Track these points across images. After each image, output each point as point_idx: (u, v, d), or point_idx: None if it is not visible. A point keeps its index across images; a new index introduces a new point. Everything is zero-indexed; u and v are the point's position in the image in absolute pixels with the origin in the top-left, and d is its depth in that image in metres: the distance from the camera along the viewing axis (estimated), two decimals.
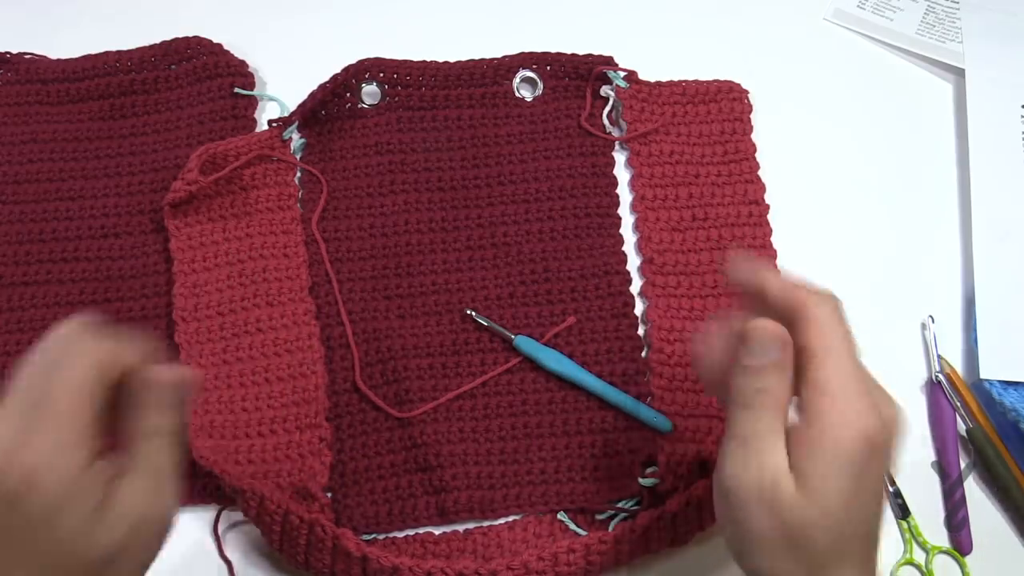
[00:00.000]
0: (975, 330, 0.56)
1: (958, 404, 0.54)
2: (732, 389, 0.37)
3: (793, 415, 0.37)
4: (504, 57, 0.61)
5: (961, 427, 0.54)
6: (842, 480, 0.35)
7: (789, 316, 0.37)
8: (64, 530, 0.36)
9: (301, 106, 0.58)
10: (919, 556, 0.51)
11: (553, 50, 0.61)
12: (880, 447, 0.36)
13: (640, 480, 0.51)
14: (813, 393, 0.36)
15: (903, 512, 0.51)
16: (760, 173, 0.59)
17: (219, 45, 0.61)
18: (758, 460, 0.36)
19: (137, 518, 0.37)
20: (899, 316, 0.57)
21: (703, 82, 0.61)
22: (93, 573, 0.36)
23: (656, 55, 0.62)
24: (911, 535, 0.51)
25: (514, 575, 0.46)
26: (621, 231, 0.58)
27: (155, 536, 0.38)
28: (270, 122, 0.59)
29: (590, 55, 0.61)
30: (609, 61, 0.61)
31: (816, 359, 0.36)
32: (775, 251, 0.57)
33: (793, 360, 0.37)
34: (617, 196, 0.59)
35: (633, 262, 0.57)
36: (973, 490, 0.53)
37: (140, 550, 0.37)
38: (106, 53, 0.61)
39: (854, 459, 0.35)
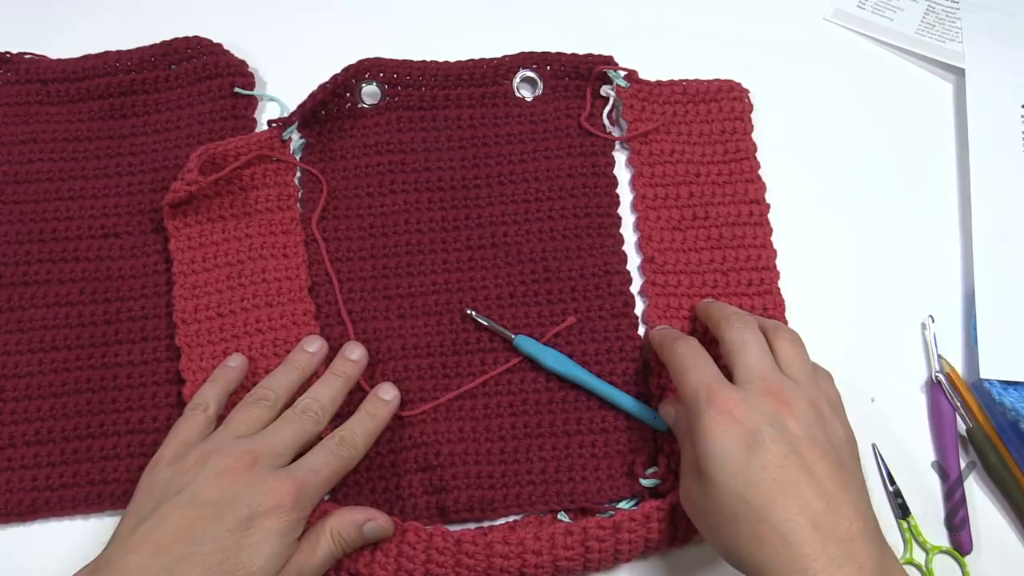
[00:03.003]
0: (975, 330, 0.56)
1: (958, 404, 0.54)
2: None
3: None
4: (504, 57, 0.61)
5: (961, 427, 0.54)
6: (723, 447, 0.42)
7: (717, 335, 0.49)
8: (266, 560, 0.41)
9: (301, 106, 0.58)
10: (919, 556, 0.51)
11: (553, 50, 0.61)
12: (779, 396, 0.43)
13: (640, 480, 0.51)
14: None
15: (903, 512, 0.52)
16: (760, 172, 0.59)
17: (219, 45, 0.61)
18: (684, 474, 0.46)
19: None
20: (899, 316, 0.57)
21: (703, 81, 0.61)
22: None
23: (656, 55, 0.62)
24: (911, 535, 0.51)
25: (510, 550, 0.47)
26: (621, 231, 0.58)
27: None
28: (270, 122, 0.59)
29: (590, 55, 0.61)
30: (609, 61, 0.60)
31: (725, 352, 0.47)
32: (775, 251, 0.57)
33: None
34: (617, 196, 0.59)
35: (633, 262, 0.57)
36: (973, 490, 0.53)
37: None
38: (106, 53, 0.61)
39: (724, 422, 0.42)
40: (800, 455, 0.41)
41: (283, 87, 0.62)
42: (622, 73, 0.60)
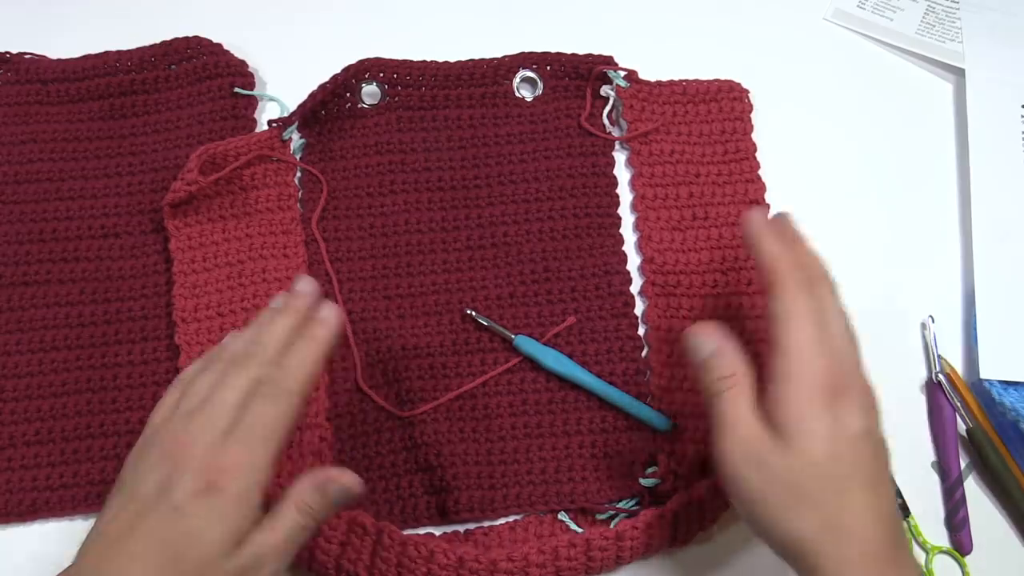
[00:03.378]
0: (975, 330, 0.56)
1: (958, 404, 0.54)
2: (700, 387, 0.44)
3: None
4: (504, 57, 0.61)
5: (961, 427, 0.54)
6: (814, 423, 0.39)
7: (766, 285, 0.43)
8: (211, 539, 0.38)
9: (301, 106, 0.58)
10: (919, 556, 0.51)
11: (553, 50, 0.61)
12: (844, 392, 0.40)
13: (640, 480, 0.51)
14: (775, 353, 0.41)
15: (903, 512, 0.52)
16: (760, 172, 0.59)
17: (219, 45, 0.61)
18: (736, 434, 0.41)
19: (251, 569, 0.39)
20: (899, 316, 0.57)
21: (703, 81, 0.61)
22: None
23: (656, 55, 0.61)
24: (911, 535, 0.51)
25: (514, 566, 0.46)
26: (621, 231, 0.58)
27: None
28: (270, 122, 0.59)
29: (590, 55, 0.61)
30: (609, 61, 0.60)
31: (778, 323, 0.42)
32: None
33: (763, 332, 0.43)
34: (617, 196, 0.59)
35: (633, 262, 0.57)
36: (973, 490, 0.53)
37: None
38: (106, 53, 0.61)
39: (816, 402, 0.40)
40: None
41: (283, 87, 0.62)
42: (622, 73, 0.60)
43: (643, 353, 0.55)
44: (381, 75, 0.60)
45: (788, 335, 0.41)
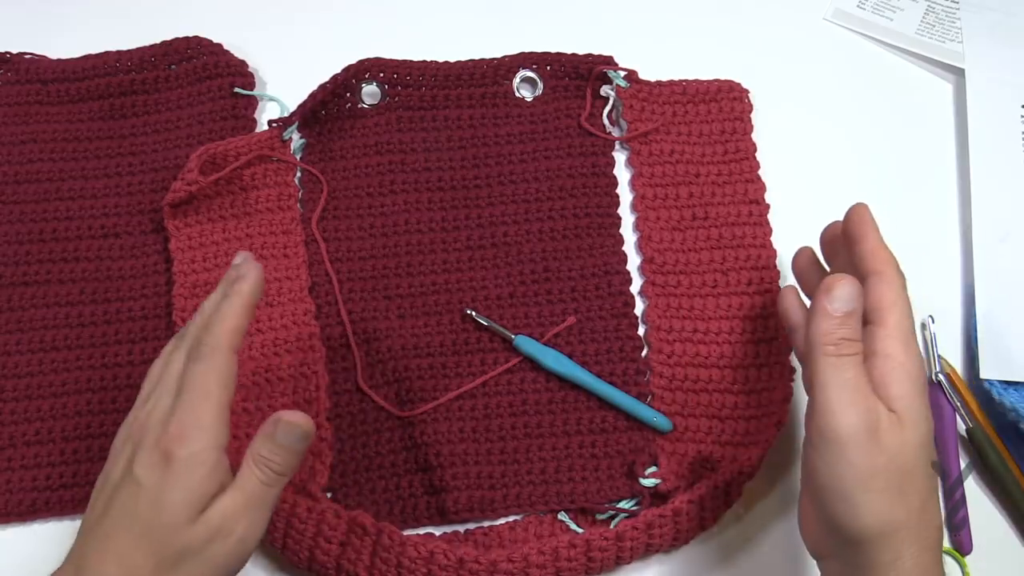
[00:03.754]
0: (975, 330, 0.56)
1: (958, 404, 0.54)
2: (814, 335, 0.42)
3: None
4: (504, 57, 0.61)
5: (961, 427, 0.54)
6: (922, 408, 0.40)
7: (869, 270, 0.44)
8: (172, 505, 0.38)
9: (301, 106, 0.58)
10: None
11: (553, 50, 0.61)
12: (925, 388, 0.41)
13: (640, 480, 0.51)
14: (886, 336, 0.42)
15: None
16: (760, 172, 0.59)
17: (219, 45, 0.61)
18: (862, 403, 0.40)
19: (220, 532, 0.39)
20: None
21: (703, 81, 0.61)
22: (166, 564, 0.38)
23: (656, 55, 0.62)
24: None
25: (514, 567, 0.46)
26: (621, 231, 0.58)
27: (230, 556, 0.39)
28: (270, 122, 0.59)
29: (590, 55, 0.61)
30: (609, 61, 0.60)
31: (885, 310, 0.42)
32: (775, 251, 0.57)
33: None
34: (617, 196, 0.59)
35: (633, 262, 0.57)
36: (973, 490, 0.53)
37: (211, 564, 0.39)
38: (106, 53, 0.61)
39: (920, 388, 0.41)
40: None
41: (283, 87, 0.62)
42: (622, 73, 0.60)
43: (643, 353, 0.55)
44: (381, 75, 0.60)
45: (899, 320, 0.42)
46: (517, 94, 0.61)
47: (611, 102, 0.60)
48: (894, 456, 0.39)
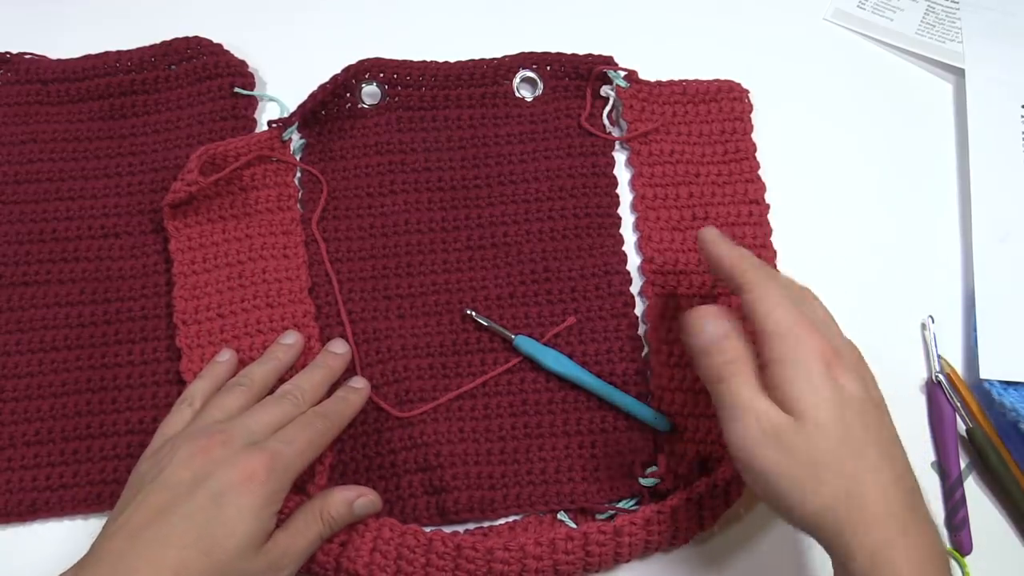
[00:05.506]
0: (975, 330, 0.56)
1: (958, 404, 0.54)
2: (700, 370, 0.44)
3: None
4: (504, 57, 0.61)
5: (961, 427, 0.54)
6: (820, 395, 0.40)
7: (735, 289, 0.45)
8: (241, 535, 0.40)
9: (301, 106, 0.58)
10: None
11: (553, 50, 0.61)
12: (836, 360, 0.41)
13: (640, 480, 0.51)
14: (764, 341, 0.42)
15: None
16: (760, 172, 0.59)
17: (219, 45, 0.61)
18: (750, 417, 0.41)
19: (273, 567, 0.41)
20: (899, 316, 0.57)
21: (703, 81, 0.61)
22: None
23: (656, 55, 0.61)
24: None
25: (511, 556, 0.46)
26: (621, 231, 0.58)
27: None
28: (270, 122, 0.59)
29: (590, 55, 0.61)
30: (609, 61, 0.60)
31: (758, 313, 0.43)
32: (775, 251, 0.57)
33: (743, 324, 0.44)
34: (617, 196, 0.59)
35: (633, 262, 0.57)
36: (973, 490, 0.53)
37: None
38: (106, 53, 0.61)
39: (816, 375, 0.40)
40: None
41: (283, 87, 0.62)
42: (622, 73, 0.60)
43: (643, 353, 0.55)
44: (381, 75, 0.60)
45: (773, 321, 0.42)
46: (517, 94, 0.61)
47: (611, 102, 0.60)
48: (801, 453, 0.40)
